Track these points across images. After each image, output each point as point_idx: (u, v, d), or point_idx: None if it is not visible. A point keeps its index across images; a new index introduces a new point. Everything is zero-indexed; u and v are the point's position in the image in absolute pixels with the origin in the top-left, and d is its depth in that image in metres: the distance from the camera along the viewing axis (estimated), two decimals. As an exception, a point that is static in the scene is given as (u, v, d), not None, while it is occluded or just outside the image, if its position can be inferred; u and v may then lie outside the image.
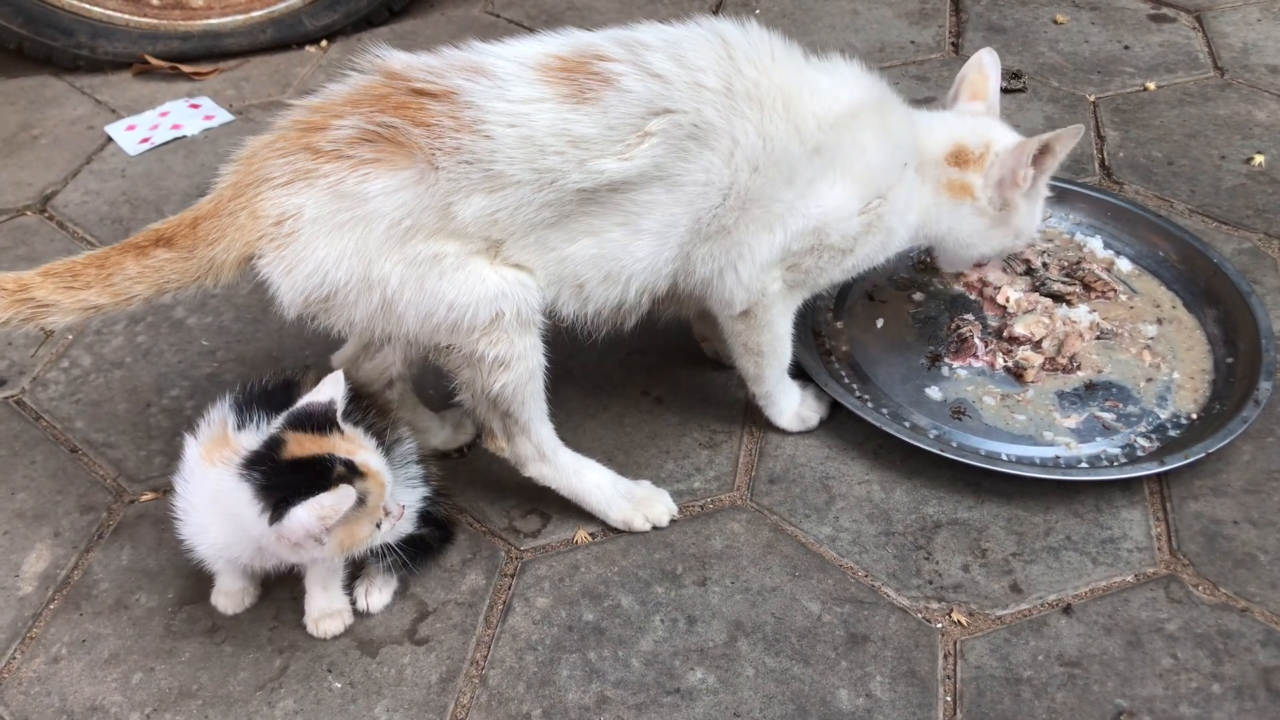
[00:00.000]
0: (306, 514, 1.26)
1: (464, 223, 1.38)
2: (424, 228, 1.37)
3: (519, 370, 1.48)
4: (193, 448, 1.42)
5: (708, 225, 1.50)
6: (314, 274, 1.38)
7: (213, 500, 1.38)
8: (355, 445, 1.36)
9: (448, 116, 1.36)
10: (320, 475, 1.30)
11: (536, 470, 1.64)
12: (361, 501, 1.30)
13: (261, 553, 1.38)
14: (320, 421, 1.35)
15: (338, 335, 1.52)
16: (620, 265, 1.48)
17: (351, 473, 1.31)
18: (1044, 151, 1.66)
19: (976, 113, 1.76)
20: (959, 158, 1.69)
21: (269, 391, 1.47)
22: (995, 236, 1.75)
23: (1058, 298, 1.99)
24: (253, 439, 1.36)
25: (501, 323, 1.43)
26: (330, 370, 1.42)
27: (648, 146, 1.41)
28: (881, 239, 1.65)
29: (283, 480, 1.30)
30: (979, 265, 1.97)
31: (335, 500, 1.26)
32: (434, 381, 1.77)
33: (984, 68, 1.79)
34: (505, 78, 1.39)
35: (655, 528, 1.66)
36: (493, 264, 1.42)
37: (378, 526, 1.36)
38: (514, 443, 1.61)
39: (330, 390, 1.37)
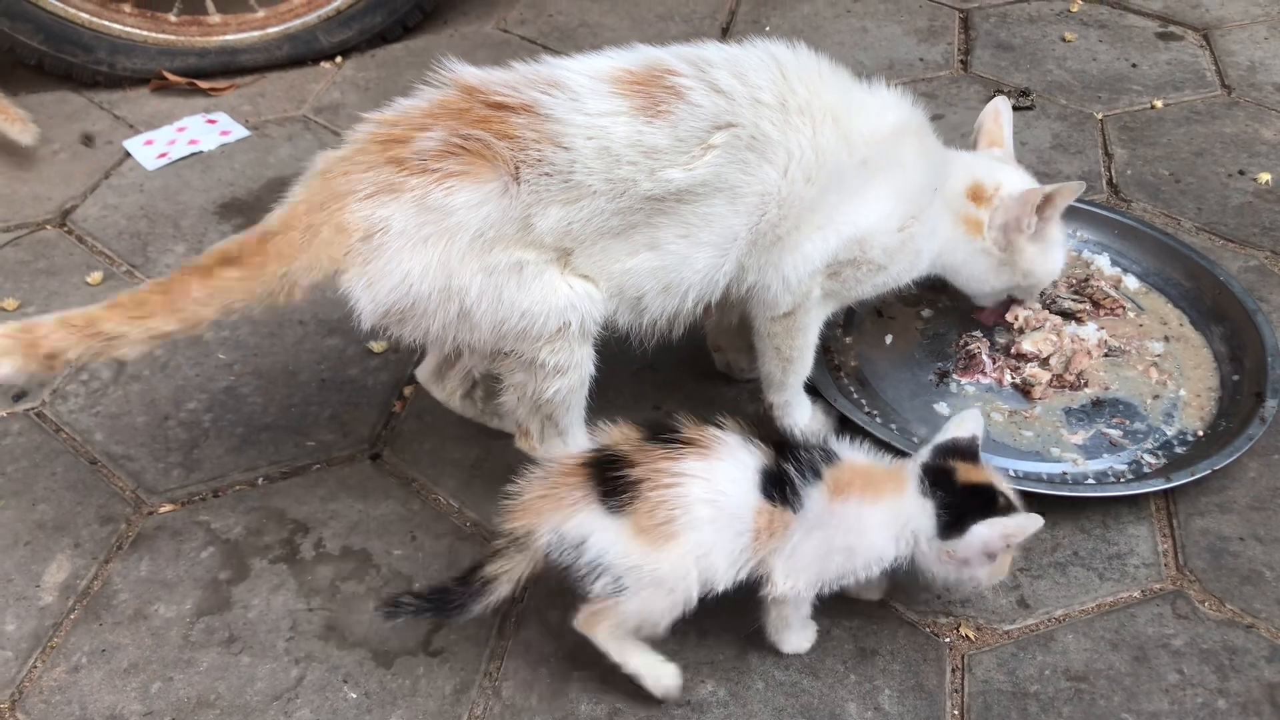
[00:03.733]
0: (989, 531, 1.34)
1: (541, 233, 1.42)
2: (504, 239, 1.41)
3: (573, 378, 1.53)
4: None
5: (764, 235, 1.53)
6: (399, 287, 1.41)
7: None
8: (1001, 480, 1.43)
9: (530, 129, 1.39)
10: (988, 501, 1.38)
11: None
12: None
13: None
14: (967, 454, 1.42)
15: (356, 346, 1.54)
16: (680, 277, 1.52)
17: (1009, 506, 1.39)
18: (1046, 202, 1.75)
19: (995, 158, 1.85)
20: (976, 193, 1.76)
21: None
22: (1003, 275, 1.82)
23: (1068, 315, 2.01)
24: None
25: (567, 332, 1.47)
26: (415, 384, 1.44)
27: (710, 158, 1.45)
28: (910, 259, 1.70)
29: (959, 501, 1.38)
30: (1007, 308, 1.99)
31: (1021, 523, 1.34)
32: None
33: (999, 116, 1.89)
34: (580, 91, 1.42)
35: None
36: (564, 275, 1.46)
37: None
38: (548, 444, 1.63)
39: (971, 426, 1.44)
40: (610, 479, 1.35)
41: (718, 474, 1.37)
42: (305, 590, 1.63)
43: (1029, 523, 1.35)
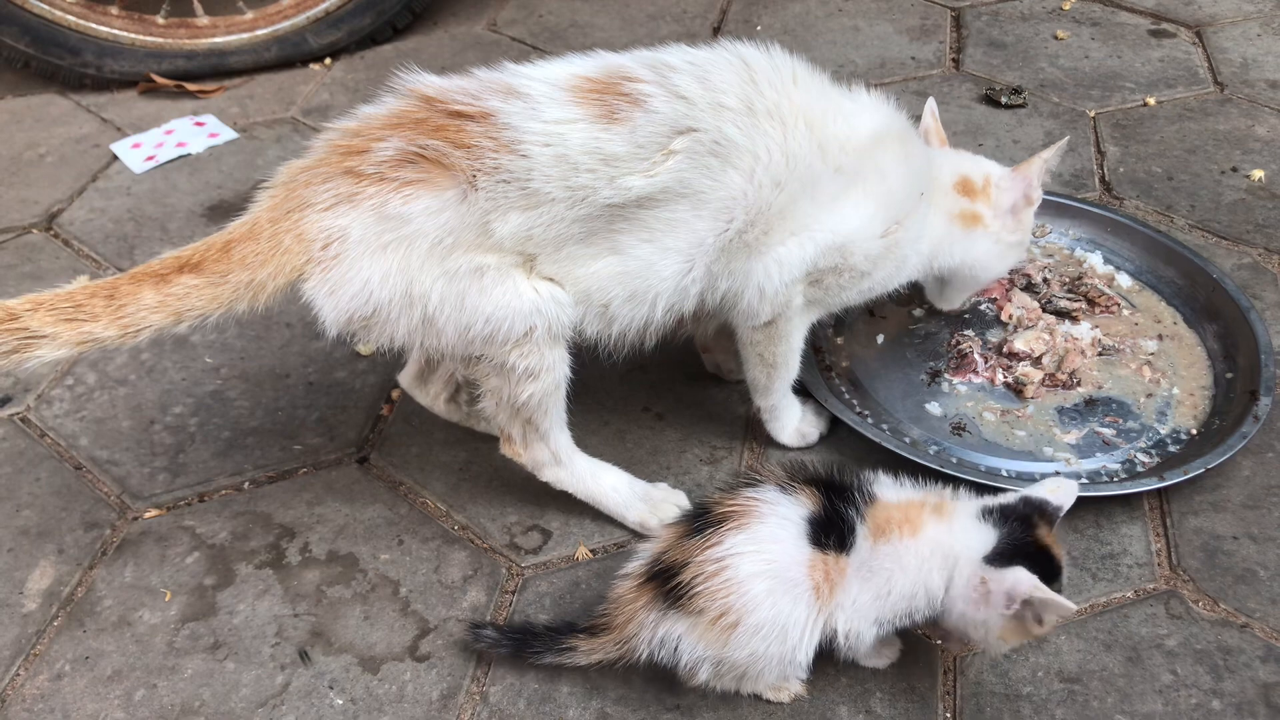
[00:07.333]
0: (1026, 579, 1.27)
1: (501, 239, 1.40)
2: (464, 244, 1.40)
3: (546, 381, 1.51)
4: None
5: (732, 241, 1.51)
6: (359, 294, 1.41)
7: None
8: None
9: (486, 137, 1.38)
10: (1046, 567, 1.31)
11: (553, 475, 1.66)
12: (1039, 621, 1.31)
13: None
14: (1051, 520, 1.37)
15: (344, 353, 1.53)
16: (646, 284, 1.50)
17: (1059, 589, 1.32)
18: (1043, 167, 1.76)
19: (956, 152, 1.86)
20: (966, 188, 1.75)
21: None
22: (1011, 255, 1.82)
23: (1063, 314, 2.00)
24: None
25: (534, 336, 1.46)
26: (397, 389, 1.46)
27: (671, 164, 1.43)
28: (895, 265, 1.68)
29: (1020, 545, 1.32)
30: (984, 291, 2.00)
31: (1055, 599, 1.26)
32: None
33: (935, 113, 1.89)
34: (538, 98, 1.41)
35: None
36: (529, 278, 1.45)
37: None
38: (531, 449, 1.63)
39: (1065, 496, 1.38)
40: (669, 589, 1.34)
41: (759, 540, 1.33)
42: (291, 595, 1.62)
43: (1063, 604, 1.27)
